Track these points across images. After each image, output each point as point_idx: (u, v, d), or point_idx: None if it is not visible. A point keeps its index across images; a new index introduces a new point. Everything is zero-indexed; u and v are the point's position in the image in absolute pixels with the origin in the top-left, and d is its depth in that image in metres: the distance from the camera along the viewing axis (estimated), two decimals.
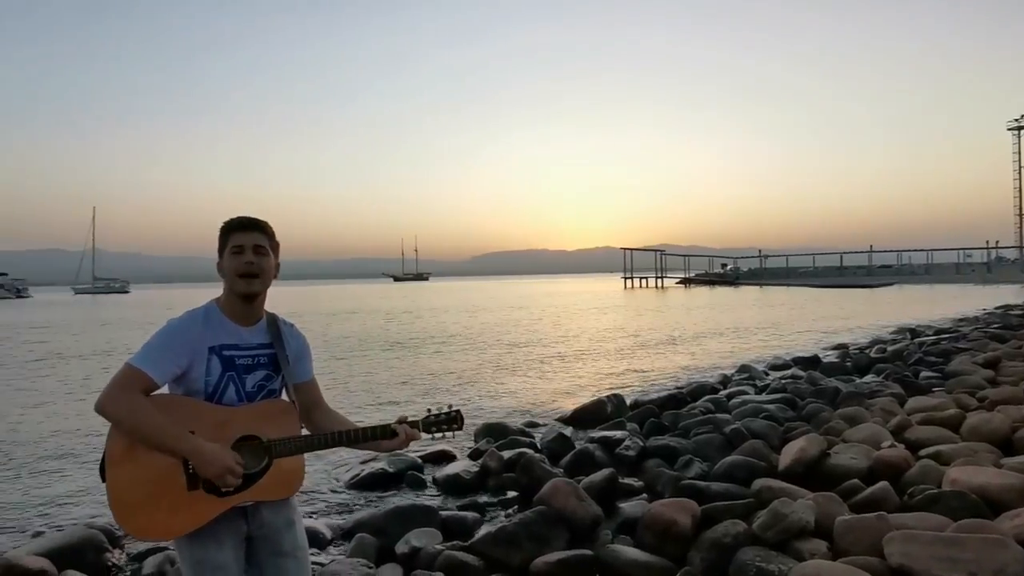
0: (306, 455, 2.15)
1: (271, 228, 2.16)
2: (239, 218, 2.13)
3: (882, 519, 3.60)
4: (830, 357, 13.41)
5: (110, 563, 4.27)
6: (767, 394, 8.95)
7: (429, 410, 2.31)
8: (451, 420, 2.31)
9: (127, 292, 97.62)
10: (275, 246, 2.17)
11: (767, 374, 11.61)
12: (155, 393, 1.98)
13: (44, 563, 3.61)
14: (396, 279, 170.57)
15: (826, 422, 6.51)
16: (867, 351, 13.42)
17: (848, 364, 11.70)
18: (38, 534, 4.90)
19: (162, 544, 4.58)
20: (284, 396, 2.19)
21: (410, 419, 2.25)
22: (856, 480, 4.59)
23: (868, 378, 9.94)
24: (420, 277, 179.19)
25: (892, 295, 45.36)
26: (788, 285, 64.54)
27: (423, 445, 7.06)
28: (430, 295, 62.96)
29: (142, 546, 4.62)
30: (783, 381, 9.76)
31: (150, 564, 4.21)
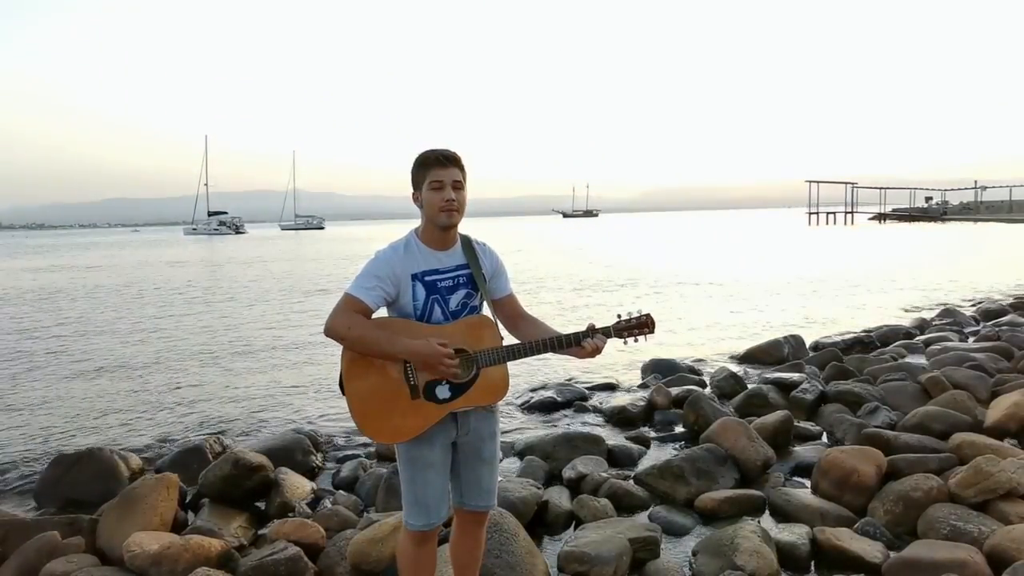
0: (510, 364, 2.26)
1: (462, 160, 2.24)
2: (437, 153, 2.20)
3: None
4: None
5: (314, 464, 4.88)
6: (975, 341, 7.99)
7: (619, 316, 2.32)
8: (642, 325, 2.30)
9: (323, 228, 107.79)
10: (465, 176, 2.26)
11: (976, 320, 10.32)
12: (374, 316, 2.20)
13: (263, 459, 4.21)
14: (565, 215, 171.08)
15: None
16: None
17: None
18: (257, 435, 5.70)
19: (356, 452, 5.16)
20: (486, 311, 2.33)
21: (600, 327, 2.28)
22: None
23: None
24: (589, 214, 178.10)
25: None
26: (1012, 221, 55.64)
27: (590, 375, 7.22)
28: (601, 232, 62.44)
29: (341, 452, 5.23)
30: (997, 328, 8.62)
31: (347, 468, 4.76)
